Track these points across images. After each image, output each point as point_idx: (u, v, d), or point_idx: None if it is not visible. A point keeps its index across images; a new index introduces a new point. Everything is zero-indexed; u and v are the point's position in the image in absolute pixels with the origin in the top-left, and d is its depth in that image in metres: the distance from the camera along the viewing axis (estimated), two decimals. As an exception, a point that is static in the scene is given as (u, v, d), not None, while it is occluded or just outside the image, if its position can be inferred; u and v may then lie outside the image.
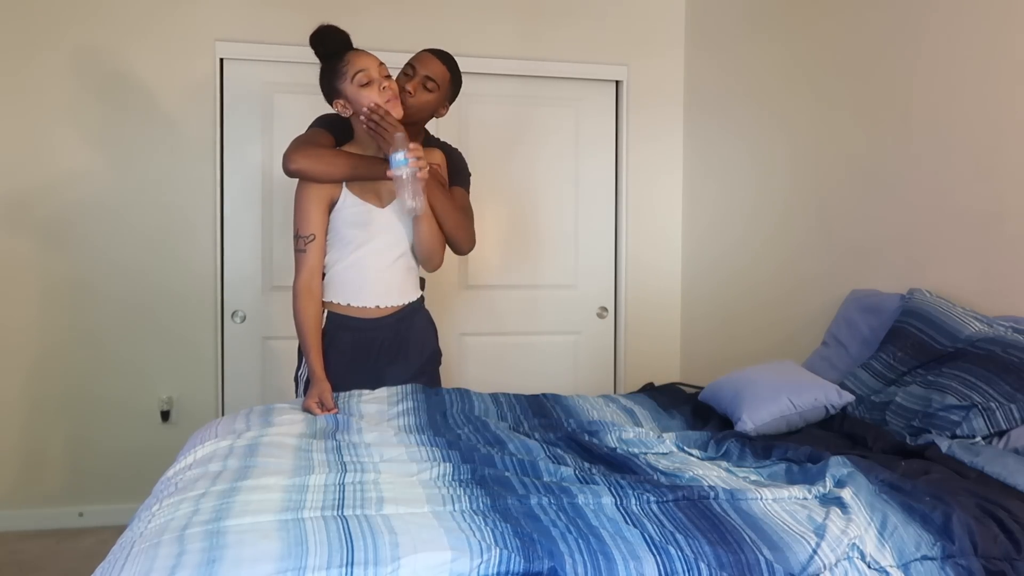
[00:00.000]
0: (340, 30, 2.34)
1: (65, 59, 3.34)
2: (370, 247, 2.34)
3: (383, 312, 2.38)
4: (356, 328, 2.36)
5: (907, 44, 2.56)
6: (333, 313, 2.37)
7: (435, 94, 2.46)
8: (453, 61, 2.52)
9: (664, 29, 3.93)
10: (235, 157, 3.53)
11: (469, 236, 2.51)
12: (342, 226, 2.33)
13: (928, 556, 1.33)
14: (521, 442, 1.84)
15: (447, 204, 2.39)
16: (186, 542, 1.24)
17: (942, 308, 2.24)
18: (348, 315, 2.36)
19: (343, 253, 2.34)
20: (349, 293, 2.35)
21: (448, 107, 2.56)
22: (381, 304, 2.37)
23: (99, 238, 3.40)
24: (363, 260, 2.34)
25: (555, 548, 1.23)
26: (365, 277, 2.35)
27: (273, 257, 3.58)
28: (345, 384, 2.33)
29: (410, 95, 2.41)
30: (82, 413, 3.42)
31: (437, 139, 2.66)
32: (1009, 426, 1.84)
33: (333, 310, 2.37)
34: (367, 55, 2.31)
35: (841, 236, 2.85)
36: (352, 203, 2.32)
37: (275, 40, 3.50)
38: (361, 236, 2.33)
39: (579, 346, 3.95)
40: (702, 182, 3.82)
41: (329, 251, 2.36)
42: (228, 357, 3.56)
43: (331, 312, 2.37)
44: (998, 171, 2.24)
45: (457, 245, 2.48)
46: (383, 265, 2.36)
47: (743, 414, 2.06)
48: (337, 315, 2.36)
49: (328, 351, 2.34)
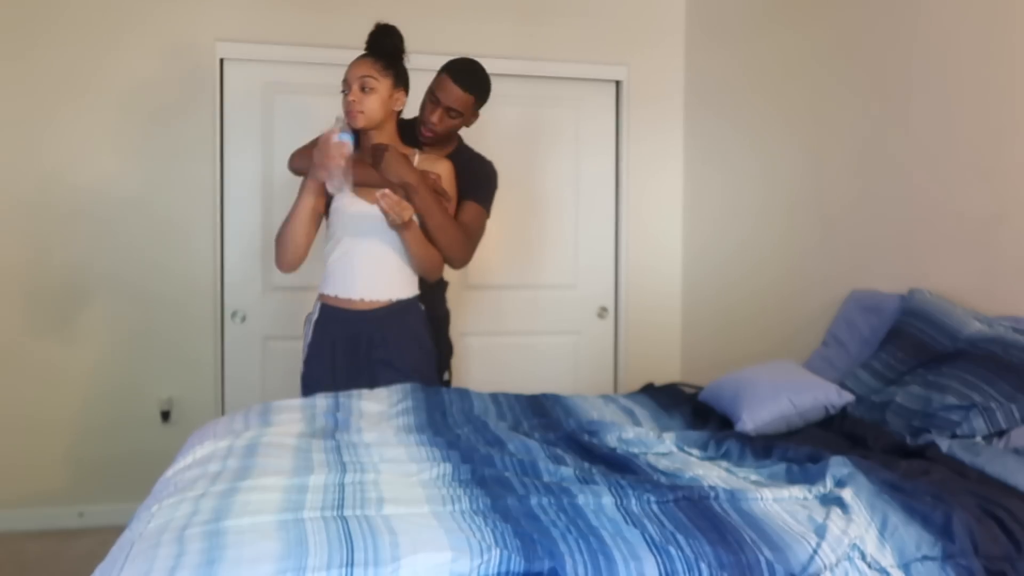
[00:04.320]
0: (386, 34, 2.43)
1: (65, 59, 3.34)
2: (358, 240, 2.43)
3: (369, 305, 2.45)
4: (344, 320, 2.46)
5: (907, 44, 2.55)
6: (325, 305, 2.49)
7: (460, 119, 2.54)
8: (474, 77, 2.52)
9: (664, 29, 3.93)
10: (235, 157, 3.53)
11: (461, 253, 2.51)
12: (335, 218, 2.44)
13: (929, 556, 1.33)
14: (521, 442, 1.84)
15: (441, 219, 2.40)
16: (186, 542, 1.24)
17: (942, 308, 2.24)
18: (337, 307, 2.47)
19: (335, 246, 2.46)
20: (338, 284, 2.46)
21: (478, 115, 2.61)
22: (367, 297, 2.45)
23: (99, 238, 3.40)
24: (351, 253, 2.44)
25: (555, 548, 1.23)
26: (353, 270, 2.44)
27: (273, 257, 3.57)
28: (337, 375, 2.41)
29: (436, 125, 2.50)
30: (82, 413, 3.42)
31: (468, 148, 2.70)
32: (1009, 426, 1.84)
33: (325, 301, 2.50)
34: (355, 62, 2.39)
35: (841, 236, 2.85)
36: (344, 197, 2.41)
37: (275, 40, 3.50)
38: (351, 229, 2.43)
39: (579, 346, 3.95)
40: (702, 182, 3.82)
41: (326, 244, 2.49)
42: (228, 357, 3.56)
43: (323, 304, 2.50)
44: (998, 171, 2.24)
45: (448, 260, 2.50)
46: (370, 259, 2.44)
47: (743, 414, 2.06)
48: (328, 306, 2.49)
49: (319, 341, 2.47)
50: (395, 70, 2.40)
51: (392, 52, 2.41)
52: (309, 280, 3.57)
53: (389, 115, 2.43)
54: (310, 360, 2.50)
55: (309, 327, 2.52)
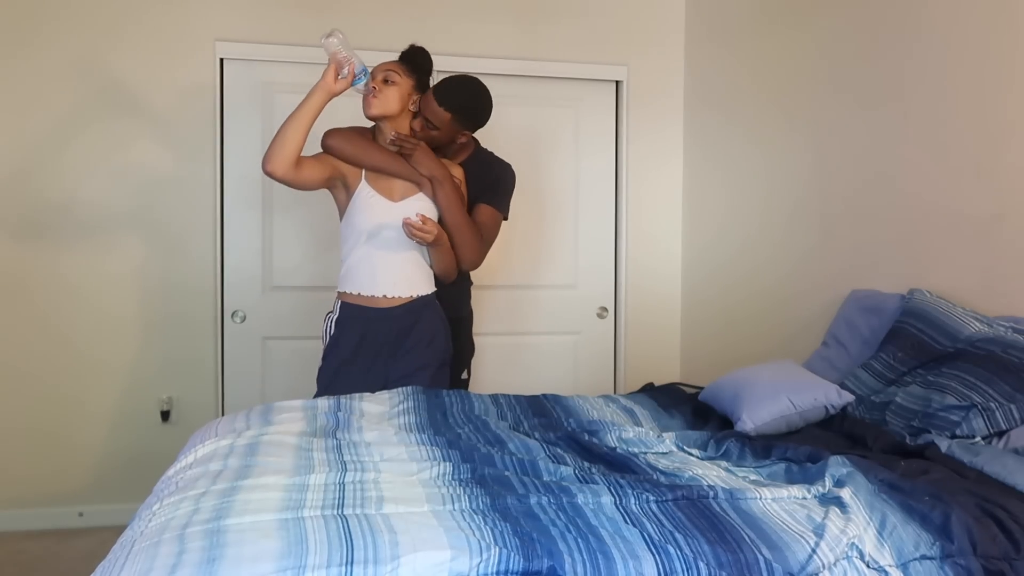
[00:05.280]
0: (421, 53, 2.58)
1: (65, 59, 3.34)
2: (380, 239, 2.48)
3: (392, 303, 2.50)
4: (366, 317, 2.50)
5: (907, 44, 2.56)
6: (346, 302, 2.53)
7: (439, 132, 2.56)
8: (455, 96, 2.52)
9: (664, 29, 3.93)
10: (235, 157, 3.53)
11: (473, 254, 2.60)
12: (356, 217, 2.48)
13: (927, 555, 1.33)
14: (521, 442, 1.84)
15: (460, 217, 2.52)
16: (186, 541, 1.24)
17: (942, 308, 2.24)
18: (359, 304, 2.51)
19: (355, 244, 2.50)
20: (360, 283, 2.51)
21: (468, 135, 2.64)
22: (389, 294, 2.50)
23: (99, 238, 3.40)
24: (374, 252, 2.49)
25: (554, 547, 1.23)
26: (375, 268, 2.49)
27: (273, 257, 3.58)
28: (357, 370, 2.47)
29: (416, 132, 2.56)
30: (82, 413, 3.42)
31: (486, 152, 2.75)
32: (1009, 426, 1.84)
33: (346, 299, 2.54)
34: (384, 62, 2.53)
35: (841, 236, 2.85)
36: (367, 195, 2.47)
37: (275, 40, 3.50)
38: (373, 229, 2.47)
39: (579, 346, 3.95)
40: (702, 182, 3.82)
41: (343, 244, 2.54)
42: (228, 357, 3.56)
43: (344, 301, 2.53)
44: (998, 171, 2.25)
45: (459, 259, 2.58)
46: (393, 257, 2.49)
47: (743, 414, 2.07)
48: (349, 304, 2.53)
49: (339, 337, 2.51)
50: (419, 77, 2.53)
51: (422, 64, 2.54)
52: (309, 280, 3.59)
53: (404, 113, 2.52)
54: (329, 355, 2.53)
55: (330, 325, 2.55)
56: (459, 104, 2.53)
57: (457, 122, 2.55)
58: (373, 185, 2.48)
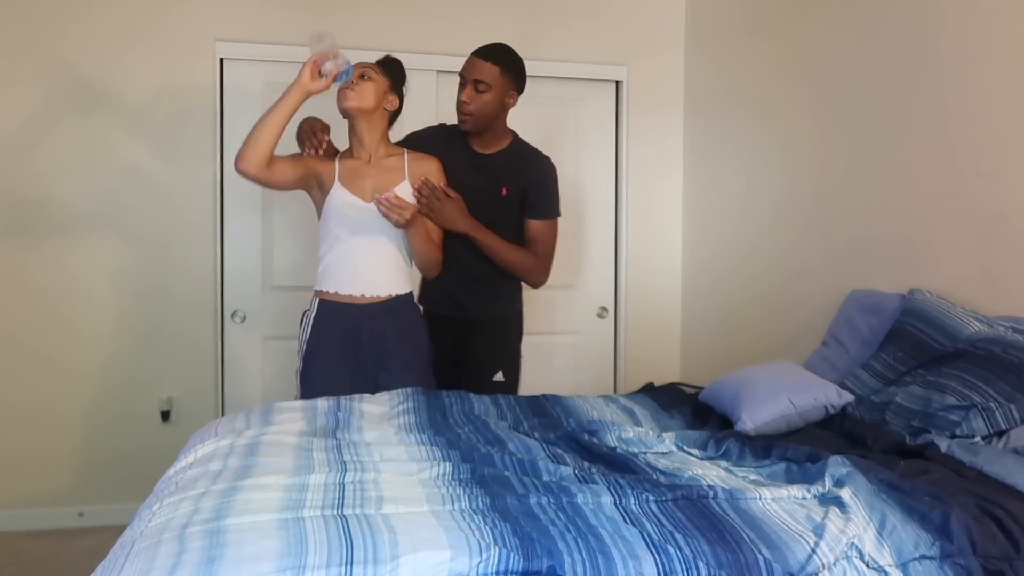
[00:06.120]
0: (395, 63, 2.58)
1: (65, 59, 3.34)
2: (357, 239, 2.48)
3: (369, 300, 2.50)
4: (345, 314, 2.50)
5: (907, 44, 2.56)
6: (324, 300, 2.53)
7: (490, 93, 2.54)
8: (499, 50, 2.56)
9: (664, 29, 3.93)
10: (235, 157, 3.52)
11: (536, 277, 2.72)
12: (332, 218, 2.49)
13: (927, 555, 1.33)
14: (521, 442, 1.84)
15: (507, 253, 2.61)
16: (186, 541, 1.25)
17: (942, 308, 2.24)
18: (337, 301, 2.51)
19: (332, 244, 2.50)
20: (338, 282, 2.51)
21: (516, 96, 2.63)
22: (367, 293, 2.50)
23: (99, 238, 3.40)
24: (351, 252, 2.49)
25: (554, 547, 1.23)
26: (354, 267, 2.50)
27: (273, 257, 3.58)
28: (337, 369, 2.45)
29: (467, 103, 2.53)
30: (82, 413, 3.42)
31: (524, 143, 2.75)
32: (1008, 426, 1.84)
33: (324, 297, 2.54)
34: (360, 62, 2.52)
35: (841, 236, 2.85)
36: (340, 194, 2.47)
37: (275, 40, 3.50)
38: (349, 228, 2.47)
39: (579, 346, 3.95)
40: (702, 182, 3.82)
41: (321, 243, 2.54)
42: (228, 357, 3.56)
43: (322, 299, 2.53)
44: (998, 171, 2.25)
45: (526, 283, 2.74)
46: (370, 256, 2.50)
47: (743, 414, 2.07)
48: (327, 301, 2.52)
49: (318, 337, 2.50)
50: (393, 78, 2.52)
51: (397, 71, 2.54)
52: (310, 280, 3.55)
53: (380, 111, 2.50)
54: (308, 356, 2.52)
55: (308, 324, 2.53)
56: (505, 56, 2.55)
57: (506, 75, 2.55)
58: (347, 185, 2.47)
